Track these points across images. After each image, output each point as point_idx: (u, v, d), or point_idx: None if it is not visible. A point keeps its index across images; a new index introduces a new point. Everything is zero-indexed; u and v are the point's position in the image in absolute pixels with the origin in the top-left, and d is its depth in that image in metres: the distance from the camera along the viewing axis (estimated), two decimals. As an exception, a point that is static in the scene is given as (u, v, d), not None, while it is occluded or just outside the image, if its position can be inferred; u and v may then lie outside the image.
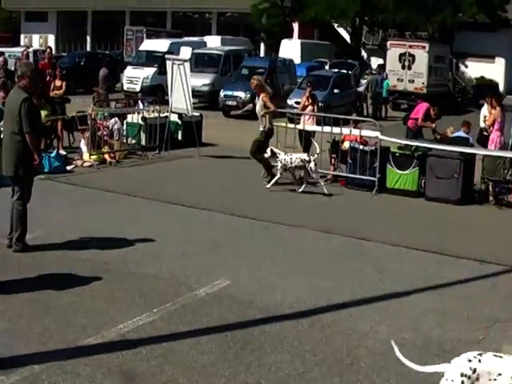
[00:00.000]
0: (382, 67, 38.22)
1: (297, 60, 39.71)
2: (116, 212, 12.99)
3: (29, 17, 72.12)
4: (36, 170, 10.89)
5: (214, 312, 8.21)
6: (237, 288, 9.03)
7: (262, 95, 15.95)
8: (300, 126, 17.36)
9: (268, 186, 15.34)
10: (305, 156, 15.60)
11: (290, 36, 49.69)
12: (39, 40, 68.97)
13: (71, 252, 10.27)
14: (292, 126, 17.65)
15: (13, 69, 29.41)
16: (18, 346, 7.08)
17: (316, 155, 15.60)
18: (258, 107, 16.11)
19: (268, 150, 15.50)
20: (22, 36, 70.82)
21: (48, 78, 19.15)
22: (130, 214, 12.85)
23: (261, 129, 15.99)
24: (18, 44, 59.00)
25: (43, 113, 16.41)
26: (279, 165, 15.40)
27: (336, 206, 14.60)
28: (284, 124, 17.53)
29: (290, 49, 44.03)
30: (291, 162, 15.37)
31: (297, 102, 25.46)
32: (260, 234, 12.03)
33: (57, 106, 18.93)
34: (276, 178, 15.41)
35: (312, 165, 15.37)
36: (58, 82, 19.02)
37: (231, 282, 9.24)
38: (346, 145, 16.65)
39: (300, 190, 15.35)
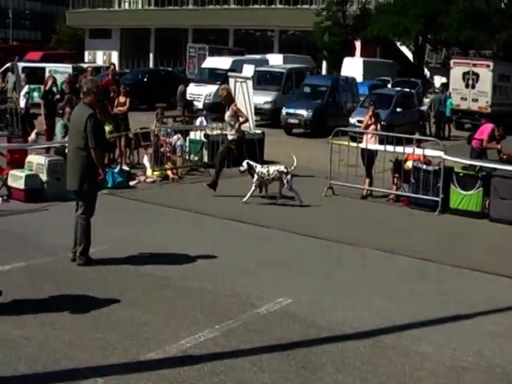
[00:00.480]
0: (445, 86, 37.79)
1: (359, 78, 39.58)
2: (177, 228, 13.07)
3: (93, 34, 73.38)
4: (100, 185, 11.03)
5: (275, 330, 8.18)
6: (298, 306, 9.00)
7: (232, 105, 16.30)
8: (362, 145, 17.26)
9: (244, 199, 15.21)
10: (282, 168, 15.56)
11: (352, 54, 49.65)
12: (103, 57, 70.09)
13: (133, 267, 10.35)
14: (354, 144, 17.56)
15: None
16: (82, 359, 7.15)
17: (293, 167, 15.61)
18: (227, 117, 16.34)
19: (244, 163, 15.58)
20: (86, 53, 72.06)
21: (112, 94, 19.35)
22: (192, 230, 12.92)
23: (230, 138, 16.25)
24: (82, 61, 59.91)
25: (107, 129, 16.62)
26: (255, 177, 15.39)
27: (398, 226, 14.47)
28: (346, 143, 17.46)
29: (352, 67, 43.93)
30: (268, 175, 15.40)
31: (359, 121, 25.32)
32: (321, 252, 11.98)
33: (120, 122, 19.16)
34: (251, 190, 15.34)
35: (289, 177, 15.38)
36: (121, 99, 19.22)
37: (293, 300, 9.20)
38: (409, 164, 16.49)
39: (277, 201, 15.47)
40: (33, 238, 11.75)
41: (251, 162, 15.72)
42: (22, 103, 24.27)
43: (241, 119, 16.29)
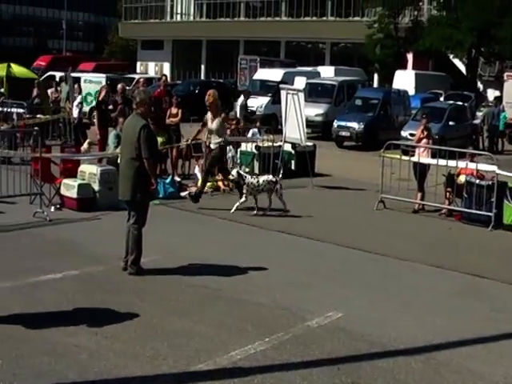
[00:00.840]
0: (498, 99, 37.32)
1: (411, 91, 39.32)
2: (228, 239, 13.08)
3: (145, 45, 74.16)
4: (152, 195, 11.10)
5: (326, 344, 8.12)
6: (349, 321, 8.92)
7: (220, 114, 15.96)
8: (415, 159, 17.10)
9: (232, 210, 15.02)
10: (271, 177, 15.44)
11: (404, 67, 49.36)
12: (155, 68, 70.74)
13: (184, 277, 10.38)
14: (406, 158, 17.42)
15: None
16: (132, 368, 7.18)
17: (281, 175, 15.53)
18: (215, 125, 15.72)
19: (234, 172, 15.44)
20: (138, 64, 72.77)
21: (164, 105, 19.48)
22: (243, 242, 12.93)
23: (213, 146, 15.81)
24: (134, 72, 60.51)
25: (159, 139, 16.71)
26: (245, 188, 15.17)
27: (450, 241, 14.30)
28: (398, 156, 17.33)
29: (404, 80, 43.63)
30: (258, 185, 15.17)
31: (411, 134, 25.18)
32: (370, 266, 11.89)
33: (172, 133, 19.26)
34: (241, 201, 15.19)
35: (278, 186, 15.28)
36: (173, 110, 19.32)
37: (343, 314, 9.13)
38: (462, 179, 16.31)
39: (268, 213, 15.20)
40: (85, 246, 11.86)
41: (241, 172, 15.66)
42: (75, 113, 24.61)
43: (228, 130, 16.07)
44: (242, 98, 25.51)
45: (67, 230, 12.93)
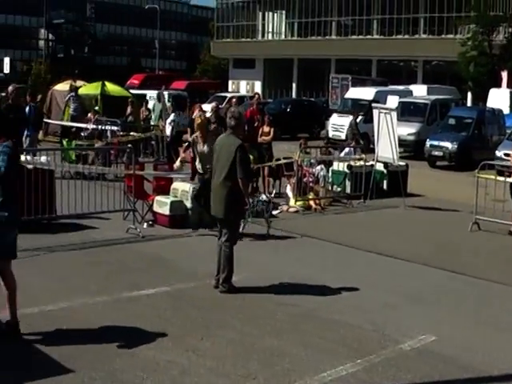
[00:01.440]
0: None
1: (506, 110, 38.47)
2: (319, 258, 13.00)
3: (237, 64, 74.88)
4: (244, 214, 11.13)
5: (419, 368, 7.96)
6: (442, 344, 8.74)
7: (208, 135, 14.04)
8: (511, 180, 16.69)
9: None
10: (265, 197, 14.90)
11: (499, 85, 48.40)
12: (246, 86, 71.27)
13: (275, 296, 10.36)
14: (501, 179, 17.03)
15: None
16: (224, 387, 7.20)
17: (273, 194, 14.94)
18: (206, 148, 13.58)
19: None
20: (230, 82, 73.47)
21: (256, 123, 19.59)
22: (333, 261, 12.83)
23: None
24: (226, 90, 61.10)
25: (251, 157, 16.80)
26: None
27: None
28: (493, 176, 16.97)
29: (499, 98, 42.70)
30: (253, 206, 14.16)
31: (506, 154, 24.62)
32: (464, 288, 11.63)
33: (264, 151, 19.34)
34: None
35: (271, 205, 14.84)
36: (266, 128, 19.41)
37: (437, 337, 8.95)
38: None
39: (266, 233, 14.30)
40: (176, 263, 11.98)
41: None
42: (168, 131, 24.94)
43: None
44: (351, 119, 25.26)
45: (159, 247, 13.09)
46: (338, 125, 35.24)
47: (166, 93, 34.13)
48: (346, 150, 21.90)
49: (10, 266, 8.24)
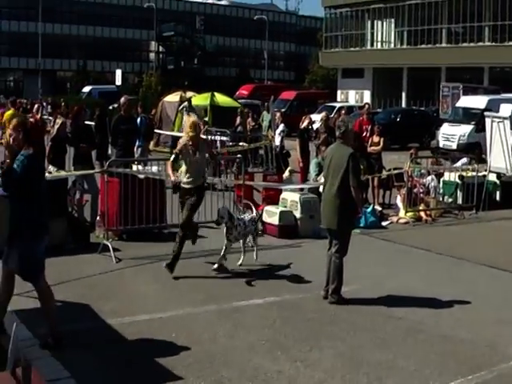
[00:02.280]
0: None
1: None
2: (429, 271, 12.78)
3: (345, 73, 74.50)
4: (355, 224, 11.08)
5: (533, 385, 7.76)
6: (559, 362, 8.47)
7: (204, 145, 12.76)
8: None
9: (215, 266, 12.18)
10: (254, 215, 13.09)
11: None
12: (355, 96, 70.89)
13: (384, 308, 10.26)
14: None
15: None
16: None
17: (261, 212, 14.37)
18: (198, 157, 12.05)
19: (225, 212, 12.32)
20: (339, 92, 73.23)
21: (364, 133, 19.48)
22: (444, 274, 12.59)
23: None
24: (335, 100, 60.93)
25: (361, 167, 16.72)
26: (234, 232, 12.25)
27: None
28: None
29: None
30: (245, 228, 12.42)
31: None
32: None
33: (373, 161, 19.21)
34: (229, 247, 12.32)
35: (259, 225, 13.85)
36: (375, 138, 19.26)
37: (552, 354, 8.69)
38: None
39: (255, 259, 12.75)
40: (285, 273, 12.02)
41: (231, 212, 12.72)
42: (277, 141, 25.05)
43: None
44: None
45: (268, 257, 13.13)
46: (449, 134, 34.63)
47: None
48: (464, 160, 21.48)
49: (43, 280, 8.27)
